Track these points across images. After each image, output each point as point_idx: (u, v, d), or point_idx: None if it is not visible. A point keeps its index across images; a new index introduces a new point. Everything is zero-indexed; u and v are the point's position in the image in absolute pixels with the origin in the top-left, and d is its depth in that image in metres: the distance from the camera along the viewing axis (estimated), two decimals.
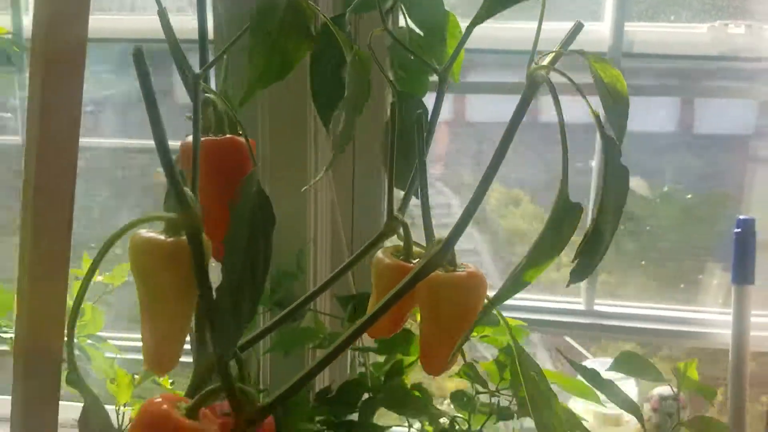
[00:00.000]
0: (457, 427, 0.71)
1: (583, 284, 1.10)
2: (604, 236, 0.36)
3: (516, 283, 0.41)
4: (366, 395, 0.82)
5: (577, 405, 0.98)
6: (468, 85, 1.09)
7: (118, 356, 0.93)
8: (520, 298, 1.08)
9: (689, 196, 1.12)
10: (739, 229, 0.98)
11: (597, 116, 0.37)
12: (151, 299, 0.39)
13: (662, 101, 1.15)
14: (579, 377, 0.70)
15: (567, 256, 0.40)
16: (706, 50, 0.97)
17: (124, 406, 0.77)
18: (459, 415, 0.72)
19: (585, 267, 0.37)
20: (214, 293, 0.38)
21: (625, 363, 0.66)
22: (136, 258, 0.39)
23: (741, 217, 0.99)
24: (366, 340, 0.92)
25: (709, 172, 1.15)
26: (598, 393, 0.67)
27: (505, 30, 1.01)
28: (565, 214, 0.38)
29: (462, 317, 0.46)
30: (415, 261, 0.50)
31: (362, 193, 1.00)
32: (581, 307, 1.10)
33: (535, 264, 0.40)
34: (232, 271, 0.39)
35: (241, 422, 0.41)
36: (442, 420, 0.72)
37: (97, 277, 1.07)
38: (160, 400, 0.41)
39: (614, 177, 0.36)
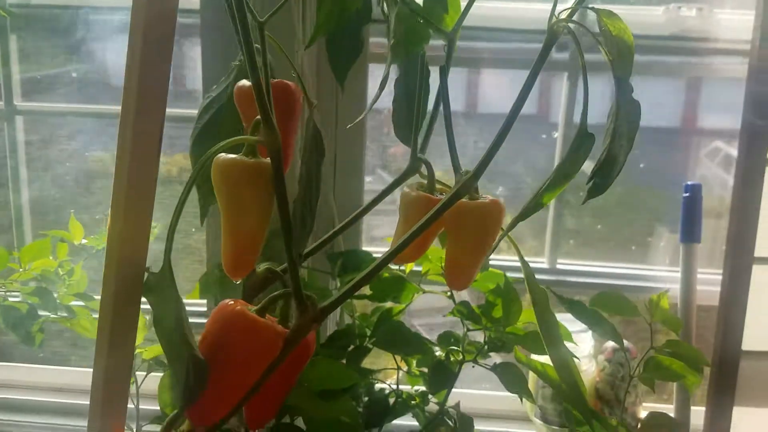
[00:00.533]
0: (452, 358, 0.78)
1: (547, 245, 1.19)
2: (619, 159, 0.44)
3: (536, 204, 0.49)
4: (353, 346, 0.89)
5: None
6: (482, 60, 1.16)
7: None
8: (493, 259, 1.17)
9: (642, 165, 1.24)
10: (687, 194, 1.10)
11: (611, 60, 0.45)
12: (233, 214, 0.45)
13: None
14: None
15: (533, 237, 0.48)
16: (660, 30, 1.08)
17: (137, 347, 0.81)
18: (455, 347, 0.79)
19: (600, 185, 0.45)
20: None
21: (603, 301, 0.74)
22: (223, 177, 0.44)
23: (689, 182, 1.10)
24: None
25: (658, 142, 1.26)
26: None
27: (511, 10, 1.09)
28: (582, 141, 0.45)
29: (485, 238, 0.53)
30: (437, 195, 0.57)
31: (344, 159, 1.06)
32: (545, 266, 1.20)
33: (553, 187, 0.48)
34: (301, 189, 0.45)
35: (307, 320, 0.47)
36: (437, 353, 0.79)
37: (82, 240, 1.10)
38: (233, 302, 0.47)
39: (627, 109, 0.44)
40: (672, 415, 0.98)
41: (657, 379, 0.70)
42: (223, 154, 0.44)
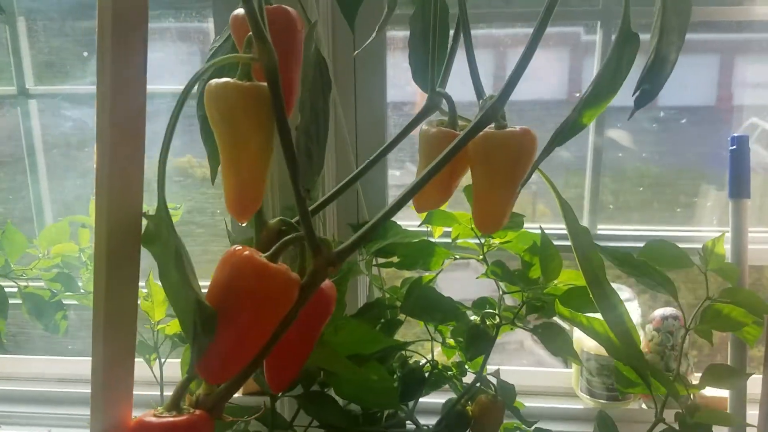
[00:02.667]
0: (488, 323, 0.73)
1: (585, 210, 1.13)
2: (669, 58, 0.38)
3: (574, 124, 0.43)
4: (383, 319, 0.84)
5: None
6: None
7: None
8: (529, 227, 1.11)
9: (683, 120, 1.16)
10: (734, 146, 1.02)
11: None
12: (231, 145, 0.40)
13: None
14: None
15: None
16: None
17: (158, 323, 0.78)
18: (491, 310, 0.74)
19: (650, 91, 0.39)
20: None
21: (653, 251, 0.68)
22: (217, 103, 0.40)
23: (735, 134, 1.03)
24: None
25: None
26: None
27: None
28: (625, 44, 0.40)
29: (515, 171, 0.48)
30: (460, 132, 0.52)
31: (365, 110, 1.01)
32: None
33: (594, 102, 0.42)
34: (303, 114, 0.40)
35: (321, 263, 0.42)
36: (472, 318, 0.74)
37: None
38: (241, 247, 0.42)
39: (676, 3, 0.38)
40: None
41: (715, 330, 0.64)
42: (215, 79, 0.40)
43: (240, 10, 0.48)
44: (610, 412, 1.06)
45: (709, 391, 1.10)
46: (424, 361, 0.83)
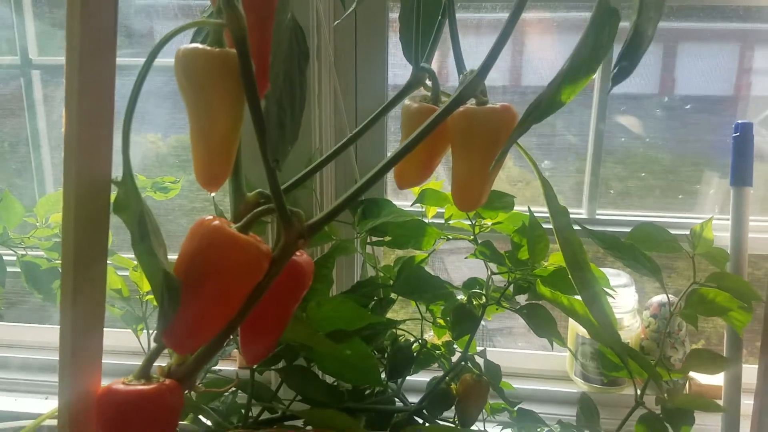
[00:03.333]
0: (475, 302, 0.72)
1: (585, 194, 1.12)
2: (646, 33, 0.37)
3: (551, 101, 0.42)
4: (376, 298, 0.84)
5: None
6: None
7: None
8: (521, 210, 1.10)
9: (687, 107, 1.14)
10: (737, 133, 1.00)
11: None
12: (199, 114, 0.40)
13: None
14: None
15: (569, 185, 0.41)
16: None
17: (147, 294, 0.78)
18: (477, 290, 0.74)
19: (627, 68, 0.38)
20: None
21: (640, 234, 0.67)
22: (185, 70, 0.39)
23: (739, 121, 1.01)
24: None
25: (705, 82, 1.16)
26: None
27: None
28: (603, 18, 0.39)
29: (495, 149, 0.47)
30: None
31: (366, 95, 1.01)
32: (584, 216, 1.12)
33: (573, 79, 0.41)
34: (275, 84, 0.40)
35: (292, 236, 0.42)
36: (459, 297, 0.74)
37: None
38: (211, 217, 0.42)
39: None
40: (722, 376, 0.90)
41: (701, 315, 0.63)
42: (184, 45, 0.39)
43: None
44: (603, 397, 1.06)
45: (706, 380, 1.09)
46: (412, 339, 0.83)
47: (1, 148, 1.21)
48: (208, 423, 0.72)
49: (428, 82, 0.52)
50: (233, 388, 0.74)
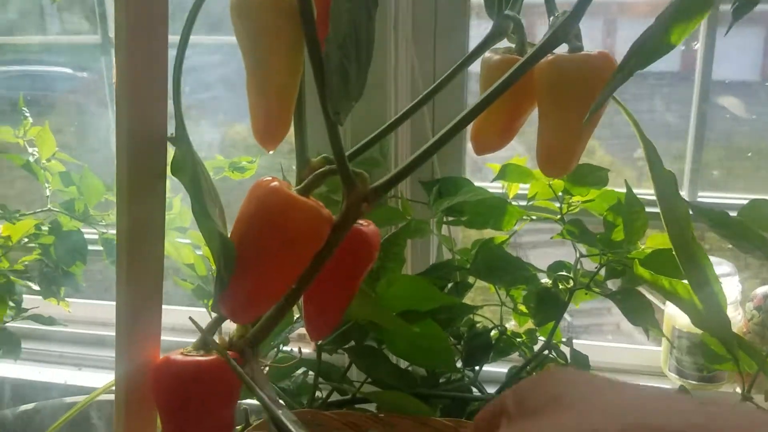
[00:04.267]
0: (561, 286, 0.67)
1: (686, 176, 1.03)
2: None
3: (660, 42, 0.36)
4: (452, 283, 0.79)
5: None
6: None
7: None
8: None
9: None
10: None
11: None
12: (257, 60, 0.37)
13: None
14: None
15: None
16: None
17: None
18: (563, 272, 0.67)
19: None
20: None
21: (755, 210, 0.59)
22: (239, 11, 0.36)
23: None
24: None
25: None
26: None
27: None
28: None
29: (588, 106, 0.41)
30: None
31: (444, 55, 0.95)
32: (685, 198, 1.03)
33: (686, 15, 0.35)
34: (337, 26, 0.35)
35: (355, 199, 0.38)
36: (543, 281, 0.68)
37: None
38: (270, 178, 0.39)
39: None
40: None
41: None
42: None
43: None
44: (700, 394, 0.97)
45: None
46: (491, 325, 0.77)
47: (83, 127, 1.24)
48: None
49: (513, 35, 0.47)
50: (303, 369, 0.71)
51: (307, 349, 1.05)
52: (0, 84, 1.33)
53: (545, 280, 0.69)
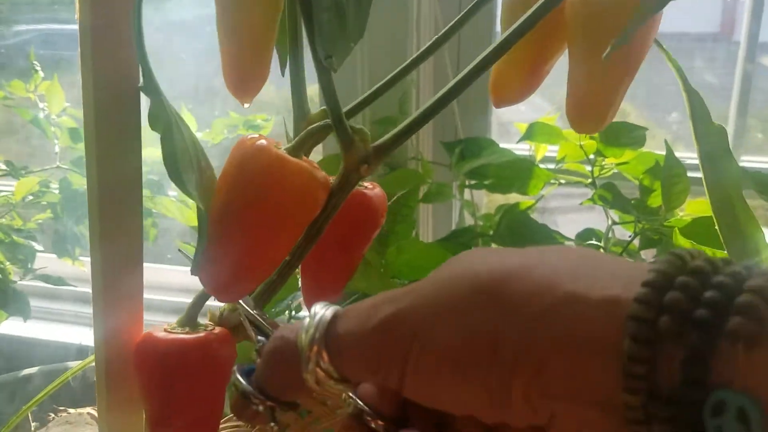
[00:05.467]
0: None
1: (730, 137, 0.95)
2: None
3: None
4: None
5: None
6: None
7: None
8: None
9: None
10: None
11: None
12: (226, 1, 0.31)
13: None
14: None
15: None
16: None
17: None
18: (593, 241, 0.62)
19: None
20: None
21: None
22: None
23: None
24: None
25: None
26: None
27: None
28: None
29: (627, 47, 0.35)
30: None
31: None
32: None
33: None
34: None
35: (353, 160, 0.33)
36: None
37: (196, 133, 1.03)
38: (256, 135, 0.34)
39: None
40: None
41: None
42: None
43: None
44: None
45: None
46: None
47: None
48: None
49: None
50: None
51: None
52: (13, 41, 1.30)
53: None
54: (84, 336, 1.02)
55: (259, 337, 0.33)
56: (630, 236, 0.62)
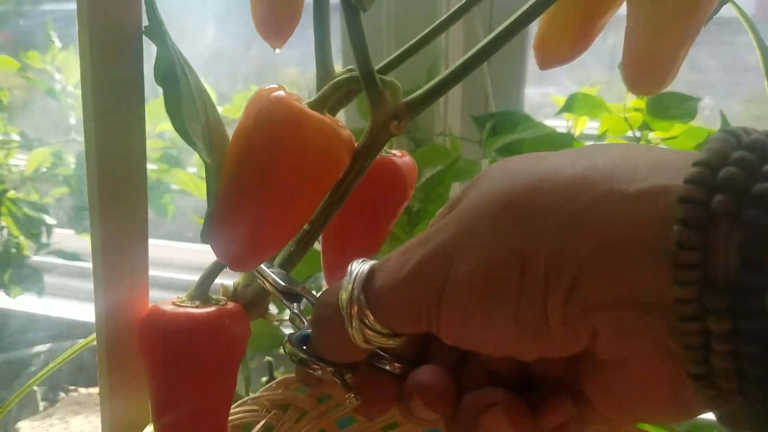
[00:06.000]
0: None
1: None
2: None
3: None
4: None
5: None
6: None
7: None
8: None
9: None
10: None
11: None
12: None
13: None
14: None
15: None
16: None
17: None
18: None
19: None
20: None
21: None
22: None
23: None
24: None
25: None
26: None
27: None
28: None
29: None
30: None
31: None
32: None
33: None
34: None
35: (382, 115, 0.29)
36: None
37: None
38: (274, 86, 0.30)
39: None
40: None
41: None
42: None
43: None
44: None
45: None
46: None
47: None
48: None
49: None
50: None
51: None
52: (32, 18, 1.28)
53: None
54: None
55: (294, 305, 0.32)
56: None
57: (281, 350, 0.32)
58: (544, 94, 0.94)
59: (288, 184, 0.29)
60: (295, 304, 0.32)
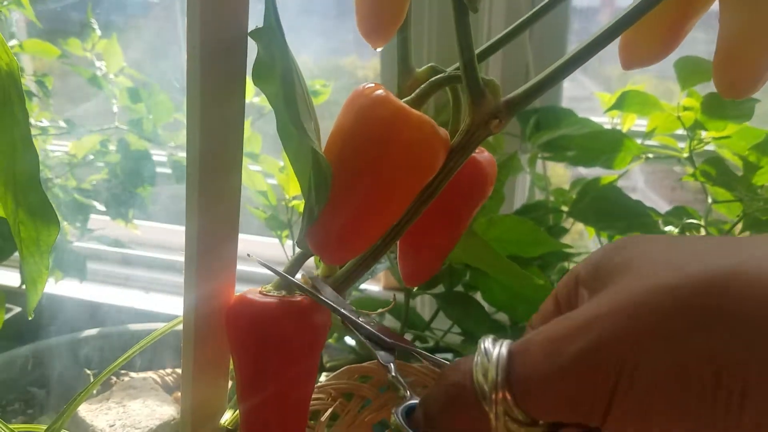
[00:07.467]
0: (689, 234, 0.57)
1: None
2: None
3: None
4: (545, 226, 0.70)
5: None
6: None
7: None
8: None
9: None
10: None
11: None
12: None
13: None
14: None
15: None
16: None
17: (293, 199, 0.71)
18: (693, 221, 0.58)
19: None
20: None
21: None
22: None
23: None
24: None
25: None
26: None
27: None
28: None
29: None
30: None
31: None
32: None
33: None
34: None
35: (483, 114, 0.30)
36: (667, 229, 0.59)
37: (253, 99, 1.00)
38: (373, 85, 0.31)
39: None
40: None
41: None
42: None
43: None
44: None
45: None
46: None
47: (155, 44, 1.19)
48: (353, 344, 0.64)
49: None
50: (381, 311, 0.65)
51: (375, 287, 0.99)
52: (71, 5, 1.28)
53: (670, 228, 0.60)
54: (136, 299, 1.02)
55: (391, 365, 0.30)
56: (739, 216, 0.57)
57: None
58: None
59: (389, 180, 0.30)
60: (391, 365, 0.31)
